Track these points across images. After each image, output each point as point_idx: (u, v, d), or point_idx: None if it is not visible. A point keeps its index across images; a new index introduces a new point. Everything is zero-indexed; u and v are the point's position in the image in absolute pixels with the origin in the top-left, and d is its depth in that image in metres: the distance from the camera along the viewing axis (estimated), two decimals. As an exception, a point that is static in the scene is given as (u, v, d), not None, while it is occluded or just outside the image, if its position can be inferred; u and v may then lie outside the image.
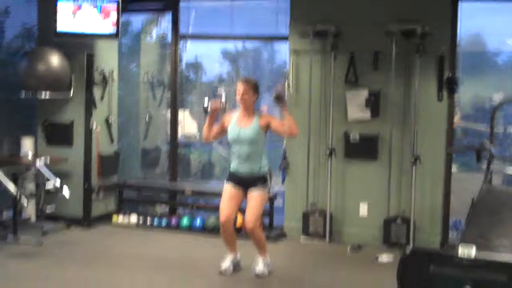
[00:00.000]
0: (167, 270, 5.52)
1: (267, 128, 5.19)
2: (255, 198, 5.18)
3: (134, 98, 8.33)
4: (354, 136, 6.47)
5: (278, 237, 6.64)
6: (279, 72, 8.63)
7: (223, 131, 5.33)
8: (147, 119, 8.22)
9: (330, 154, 6.48)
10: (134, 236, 6.72)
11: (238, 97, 5.15)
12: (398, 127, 6.37)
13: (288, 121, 5.09)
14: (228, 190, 5.27)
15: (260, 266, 5.35)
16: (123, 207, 7.50)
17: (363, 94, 6.40)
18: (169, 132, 7.94)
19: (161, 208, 7.65)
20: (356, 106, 6.45)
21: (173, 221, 7.00)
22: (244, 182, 5.21)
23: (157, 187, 7.71)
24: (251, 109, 5.20)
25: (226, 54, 9.03)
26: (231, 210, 5.23)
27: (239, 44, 8.65)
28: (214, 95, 5.16)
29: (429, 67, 6.20)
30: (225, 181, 5.35)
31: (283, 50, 8.50)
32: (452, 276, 2.80)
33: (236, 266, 5.43)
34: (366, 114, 6.43)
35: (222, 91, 5.26)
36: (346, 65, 6.42)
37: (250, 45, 8.73)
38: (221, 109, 5.25)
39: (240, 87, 5.14)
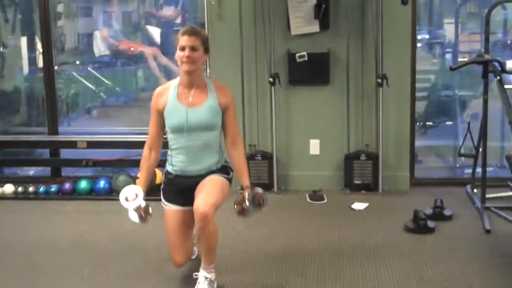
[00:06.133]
0: (67, 256, 3.88)
1: (225, 111, 3.41)
2: (214, 180, 3.35)
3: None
4: (301, 55, 5.05)
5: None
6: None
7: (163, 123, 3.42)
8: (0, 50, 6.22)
9: (273, 80, 5.02)
10: (15, 213, 4.88)
11: (182, 56, 3.25)
12: (354, 41, 5.05)
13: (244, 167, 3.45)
14: (173, 216, 3.41)
15: (202, 285, 3.27)
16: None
17: (310, 0, 4.97)
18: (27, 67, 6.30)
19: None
20: (301, 17, 5.01)
21: (67, 186, 5.21)
22: (194, 188, 3.32)
23: (36, 142, 5.74)
24: (200, 76, 3.39)
25: None
26: (185, 248, 3.44)
27: None
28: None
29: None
30: (162, 198, 3.47)
31: None
32: None
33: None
34: (314, 27, 5.02)
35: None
36: (288, -39, 4.92)
37: None
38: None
39: (185, 41, 3.25)
